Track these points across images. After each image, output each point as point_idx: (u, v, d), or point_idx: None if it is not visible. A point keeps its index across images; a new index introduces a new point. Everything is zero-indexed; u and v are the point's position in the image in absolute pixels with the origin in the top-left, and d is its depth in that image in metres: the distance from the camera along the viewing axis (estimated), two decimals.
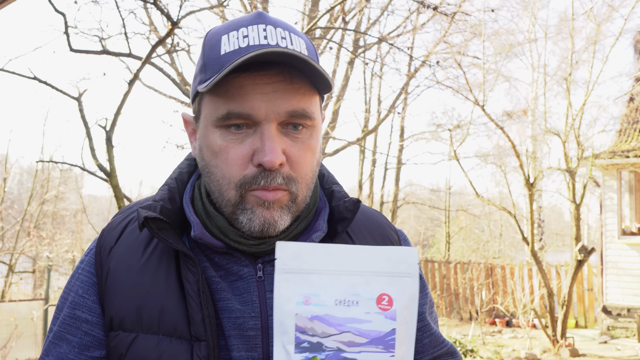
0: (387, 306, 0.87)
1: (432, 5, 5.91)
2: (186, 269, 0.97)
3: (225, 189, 0.97)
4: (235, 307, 0.97)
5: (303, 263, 0.88)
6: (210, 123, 0.97)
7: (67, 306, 1.04)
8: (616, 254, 11.54)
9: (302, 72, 0.95)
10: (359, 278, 0.87)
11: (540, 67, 18.35)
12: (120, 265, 1.02)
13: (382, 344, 0.85)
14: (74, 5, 7.31)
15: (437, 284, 13.99)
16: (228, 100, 0.93)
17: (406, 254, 0.89)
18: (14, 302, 9.34)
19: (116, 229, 1.08)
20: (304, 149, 0.98)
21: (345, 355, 0.84)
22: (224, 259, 1.01)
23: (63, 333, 1.02)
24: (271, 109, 0.93)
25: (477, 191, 11.07)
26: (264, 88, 0.93)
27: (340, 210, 1.05)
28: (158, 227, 0.98)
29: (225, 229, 0.99)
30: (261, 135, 0.93)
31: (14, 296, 12.87)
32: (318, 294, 0.86)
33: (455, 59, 11.41)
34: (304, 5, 12.39)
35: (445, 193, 21.76)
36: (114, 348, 0.98)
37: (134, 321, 0.97)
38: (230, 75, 0.93)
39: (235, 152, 0.95)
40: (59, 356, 1.01)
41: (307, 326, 0.85)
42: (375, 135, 18.80)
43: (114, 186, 5.46)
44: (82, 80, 8.01)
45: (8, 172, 16.85)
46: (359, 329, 0.85)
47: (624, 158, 11.04)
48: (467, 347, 8.63)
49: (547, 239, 20.76)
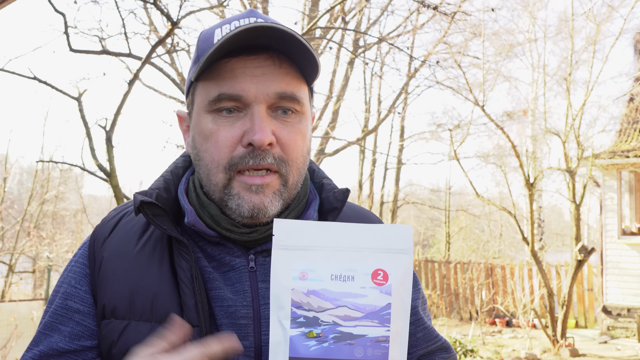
0: (382, 281, 0.88)
1: (432, 5, 5.91)
2: (179, 256, 0.98)
3: (214, 173, 0.98)
4: (227, 296, 0.97)
5: (300, 240, 0.89)
6: (202, 109, 0.99)
7: (59, 297, 1.04)
8: (616, 254, 11.54)
9: (290, 58, 0.97)
10: (354, 254, 0.89)
11: (540, 67, 18.36)
12: (114, 254, 1.03)
13: (377, 318, 0.86)
14: (73, 5, 7.31)
15: (437, 284, 13.99)
16: (219, 83, 0.96)
17: (401, 231, 0.91)
18: (14, 302, 9.33)
19: (110, 221, 1.10)
20: (294, 132, 0.99)
21: (341, 329, 0.85)
22: (217, 249, 1.02)
23: (54, 323, 1.02)
24: (261, 90, 0.95)
25: (477, 191, 11.07)
26: (253, 71, 0.95)
27: (330, 201, 1.07)
28: (153, 214, 0.99)
29: (217, 217, 1.01)
30: (251, 117, 0.96)
31: (14, 296, 12.86)
32: (314, 269, 0.87)
33: (455, 59, 11.42)
34: (304, 5, 12.39)
35: (445, 193, 21.76)
36: (106, 336, 0.98)
37: (127, 308, 0.98)
38: (222, 60, 0.96)
39: (225, 134, 0.96)
40: (49, 346, 1.00)
41: (303, 301, 0.86)
42: (375, 135, 18.80)
43: (114, 186, 5.46)
44: (82, 80, 8.00)
45: (8, 172, 16.85)
46: (355, 303, 0.86)
47: (624, 158, 11.04)
48: (467, 347, 8.63)
49: (547, 239, 20.76)
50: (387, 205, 20.28)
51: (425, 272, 14.22)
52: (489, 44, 15.15)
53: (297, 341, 0.85)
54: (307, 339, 0.85)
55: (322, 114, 14.27)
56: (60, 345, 1.00)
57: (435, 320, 13.06)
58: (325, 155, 13.89)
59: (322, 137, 12.46)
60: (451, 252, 20.63)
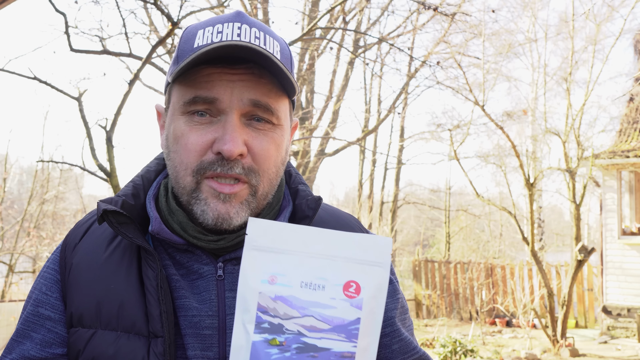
0: (353, 294, 0.84)
1: (433, 5, 5.91)
2: (146, 265, 0.97)
3: (182, 175, 0.97)
4: (192, 305, 0.96)
5: (273, 242, 0.86)
6: (176, 110, 0.98)
7: (30, 304, 1.03)
8: (616, 254, 11.54)
9: (271, 73, 0.96)
10: (328, 262, 0.85)
11: (540, 67, 18.36)
12: (83, 261, 1.02)
13: (344, 332, 0.82)
14: (74, 5, 7.31)
15: (437, 284, 13.99)
16: (195, 86, 0.95)
17: (380, 243, 0.87)
18: (14, 302, 9.34)
19: (82, 227, 1.08)
20: (268, 141, 0.97)
21: (305, 340, 0.81)
22: (185, 256, 1.00)
23: (26, 330, 1.01)
24: (236, 95, 0.94)
25: (477, 191, 11.07)
26: (230, 77, 0.94)
27: (302, 209, 1.05)
28: (118, 222, 0.97)
29: (184, 224, 0.99)
30: (224, 124, 0.94)
31: (14, 296, 12.88)
32: (284, 274, 0.84)
33: (455, 59, 11.41)
34: (304, 6, 12.40)
35: (445, 193, 21.75)
36: (73, 344, 0.97)
37: (93, 317, 0.96)
38: (200, 66, 0.94)
39: (195, 138, 0.95)
40: (21, 353, 0.99)
41: (269, 306, 0.83)
42: (375, 135, 18.81)
43: (114, 186, 5.47)
44: (82, 80, 8.01)
45: (8, 172, 16.86)
46: (322, 314, 0.82)
47: (624, 158, 11.04)
48: (467, 347, 8.62)
49: (547, 239, 20.76)
50: (387, 205, 20.29)
51: (425, 272, 14.23)
52: (489, 44, 15.15)
53: (259, 347, 0.81)
54: (269, 346, 0.81)
55: (322, 114, 14.27)
56: (32, 353, 0.99)
57: (435, 320, 13.07)
58: (325, 155, 13.89)
59: (322, 137, 12.47)
60: (451, 252, 20.63)
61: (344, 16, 12.68)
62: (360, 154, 18.57)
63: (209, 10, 6.37)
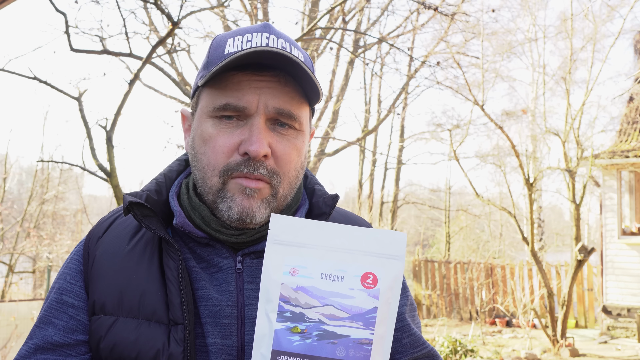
0: (371, 284, 0.89)
1: (432, 5, 5.91)
2: (167, 256, 1.02)
3: (209, 176, 1.02)
4: (212, 295, 1.01)
5: (294, 236, 0.91)
6: (205, 114, 1.03)
7: (54, 292, 1.07)
8: (616, 254, 11.54)
9: (296, 80, 1.02)
10: (347, 255, 0.90)
11: (540, 67, 18.35)
12: (106, 252, 1.07)
13: (362, 320, 0.87)
14: (74, 5, 7.31)
15: (437, 284, 13.99)
16: (226, 93, 1.01)
17: (396, 237, 0.92)
18: (14, 302, 9.33)
19: (105, 222, 1.14)
20: (290, 146, 1.03)
21: (326, 328, 0.86)
22: (206, 250, 1.06)
23: (49, 317, 1.05)
24: (262, 102, 1.00)
25: (477, 191, 11.07)
26: (258, 84, 1.00)
27: (319, 206, 1.11)
28: (142, 214, 1.03)
29: (207, 218, 1.04)
30: (250, 127, 1.00)
31: (14, 296, 12.87)
32: (305, 266, 0.89)
33: (455, 59, 11.42)
34: (304, 6, 12.41)
35: (445, 193, 21.76)
36: (94, 331, 1.01)
37: (115, 305, 1.01)
38: (230, 72, 1.00)
39: (223, 140, 1.01)
40: (43, 338, 1.03)
41: (291, 296, 0.88)
42: (375, 135, 18.82)
43: (114, 186, 5.47)
44: (82, 80, 8.01)
45: (8, 172, 16.86)
46: (342, 303, 0.87)
47: (624, 158, 11.04)
48: (467, 347, 8.63)
49: (547, 239, 20.76)
50: (387, 205, 20.30)
51: (425, 272, 14.23)
52: (488, 44, 15.15)
53: (281, 335, 0.86)
54: (291, 334, 0.86)
55: (322, 114, 14.27)
56: (55, 339, 1.02)
57: (435, 320, 13.07)
58: (325, 155, 13.90)
59: (322, 137, 12.47)
60: (451, 252, 20.63)
61: (344, 16, 12.68)
62: (360, 154, 18.59)
63: (209, 10, 6.37)
